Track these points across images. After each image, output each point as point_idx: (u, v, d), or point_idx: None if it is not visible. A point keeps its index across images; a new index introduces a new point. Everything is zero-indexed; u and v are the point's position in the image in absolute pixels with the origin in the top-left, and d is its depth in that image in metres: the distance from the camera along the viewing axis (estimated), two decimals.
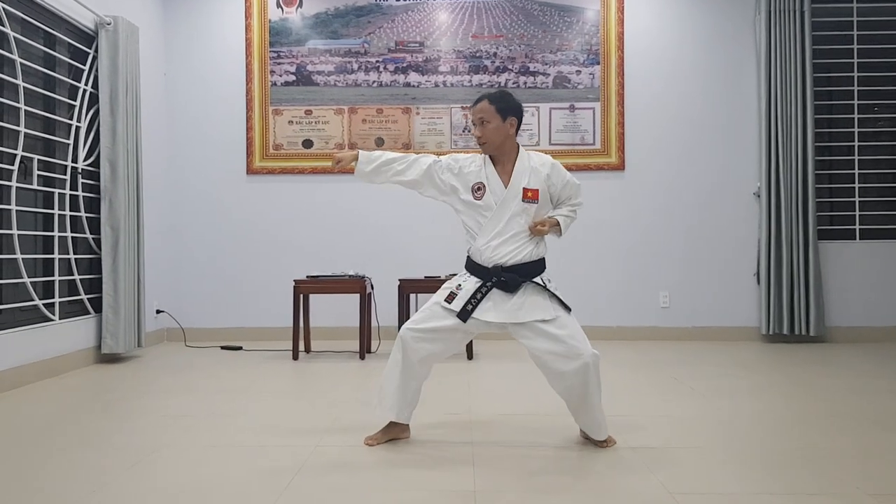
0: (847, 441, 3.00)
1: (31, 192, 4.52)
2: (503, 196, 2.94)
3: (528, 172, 2.95)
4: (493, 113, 2.95)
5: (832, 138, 6.20)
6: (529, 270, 2.92)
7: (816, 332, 5.84)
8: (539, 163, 2.99)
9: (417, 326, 2.91)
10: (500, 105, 2.97)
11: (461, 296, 2.90)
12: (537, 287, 2.90)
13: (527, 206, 2.93)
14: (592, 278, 6.14)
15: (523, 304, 2.87)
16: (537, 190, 2.94)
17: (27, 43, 4.47)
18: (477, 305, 2.87)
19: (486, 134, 2.97)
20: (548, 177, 2.97)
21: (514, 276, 2.89)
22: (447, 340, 2.93)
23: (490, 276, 2.90)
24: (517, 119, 3.01)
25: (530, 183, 2.94)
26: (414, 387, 2.96)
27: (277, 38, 6.22)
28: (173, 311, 6.08)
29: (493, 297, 2.89)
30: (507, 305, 2.87)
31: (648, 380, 4.40)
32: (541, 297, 2.89)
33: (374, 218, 6.14)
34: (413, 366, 2.91)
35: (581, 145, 6.14)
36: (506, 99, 3.01)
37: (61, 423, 3.35)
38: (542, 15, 6.18)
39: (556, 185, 3.00)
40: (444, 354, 2.99)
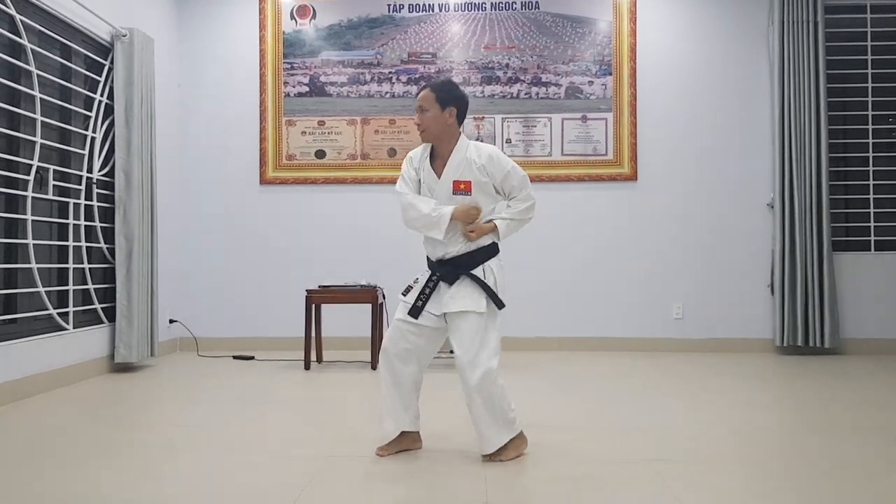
0: (864, 455, 2.96)
1: (46, 202, 4.55)
2: (435, 189, 2.94)
3: (461, 164, 2.93)
4: (433, 101, 2.94)
5: (846, 149, 6.17)
6: (465, 261, 2.92)
7: (831, 344, 5.78)
8: (476, 154, 2.95)
9: (391, 328, 2.99)
10: (440, 94, 2.96)
11: (414, 289, 2.97)
12: (473, 280, 2.88)
13: (458, 198, 2.91)
14: (605, 289, 6.11)
15: (456, 294, 2.88)
16: (469, 182, 2.91)
17: (44, 55, 4.52)
18: (427, 300, 2.91)
19: (424, 121, 2.96)
20: (483, 167, 2.92)
21: (449, 268, 2.91)
22: (417, 334, 2.93)
23: (435, 269, 2.95)
24: (457, 109, 2.97)
25: (462, 175, 2.92)
26: (405, 391, 2.95)
27: (291, 50, 6.26)
28: (186, 321, 6.10)
29: (440, 290, 2.93)
30: (443, 297, 2.91)
31: (662, 391, 4.37)
32: (471, 289, 2.87)
33: (386, 227, 6.14)
34: (396, 369, 2.93)
35: (594, 156, 6.13)
36: (447, 88, 3.00)
37: (74, 432, 3.37)
38: (554, 26, 6.19)
39: (494, 175, 2.94)
40: (424, 353, 2.98)
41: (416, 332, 2.93)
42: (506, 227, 2.97)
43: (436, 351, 3.05)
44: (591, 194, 6.14)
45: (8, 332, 4.15)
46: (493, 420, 2.83)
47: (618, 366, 5.33)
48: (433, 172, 2.97)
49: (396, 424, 2.95)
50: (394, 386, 2.94)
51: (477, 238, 2.92)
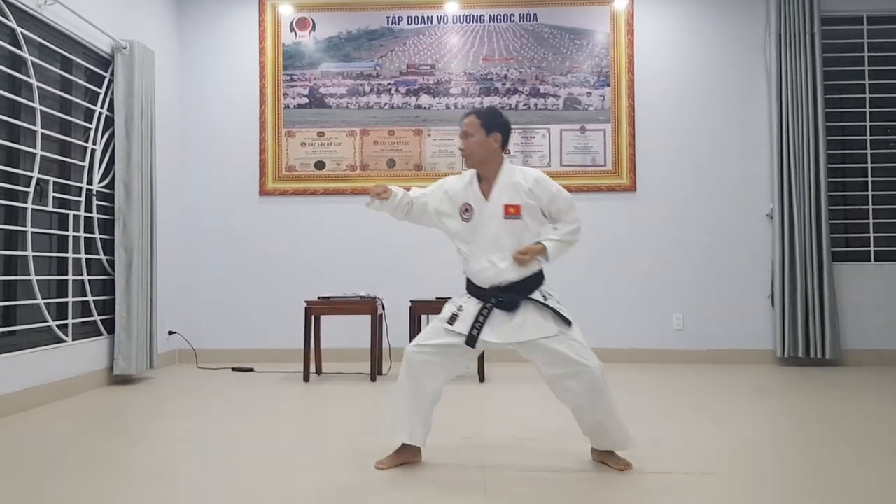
0: (865, 468, 2.95)
1: (46, 213, 4.56)
2: (484, 213, 2.95)
3: (509, 188, 2.95)
4: (478, 126, 2.99)
5: (845, 159, 6.18)
6: (525, 287, 2.91)
7: (832, 355, 5.77)
8: (522, 178, 2.97)
9: (422, 343, 2.92)
10: (485, 120, 3.00)
11: (463, 318, 2.90)
12: (537, 304, 2.88)
13: (510, 222, 2.92)
14: (605, 300, 6.11)
15: (524, 322, 2.86)
16: (519, 206, 2.93)
17: (45, 67, 4.53)
18: (482, 329, 2.87)
19: (469, 147, 3.00)
20: (530, 191, 2.95)
21: (511, 295, 2.89)
22: (452, 356, 2.92)
23: (489, 296, 2.91)
24: (502, 135, 3.02)
25: (511, 199, 2.94)
26: (425, 407, 2.93)
27: (291, 62, 6.28)
28: (185, 332, 6.10)
29: (495, 317, 2.89)
30: (508, 325, 2.87)
31: (662, 403, 4.36)
32: (541, 314, 2.88)
33: (386, 239, 6.15)
34: (421, 383, 2.90)
35: (592, 166, 6.15)
36: (492, 115, 3.05)
37: (73, 445, 3.36)
38: (552, 38, 6.21)
39: (541, 199, 2.96)
40: (451, 371, 2.97)
41: (449, 353, 2.91)
42: (554, 249, 2.95)
43: (461, 369, 3.04)
44: (590, 205, 6.13)
45: (7, 345, 4.14)
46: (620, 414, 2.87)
47: (618, 377, 5.30)
48: (481, 197, 2.99)
49: (411, 437, 2.92)
50: (414, 398, 2.91)
51: (529, 261, 2.91)
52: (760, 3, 6.10)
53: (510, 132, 3.09)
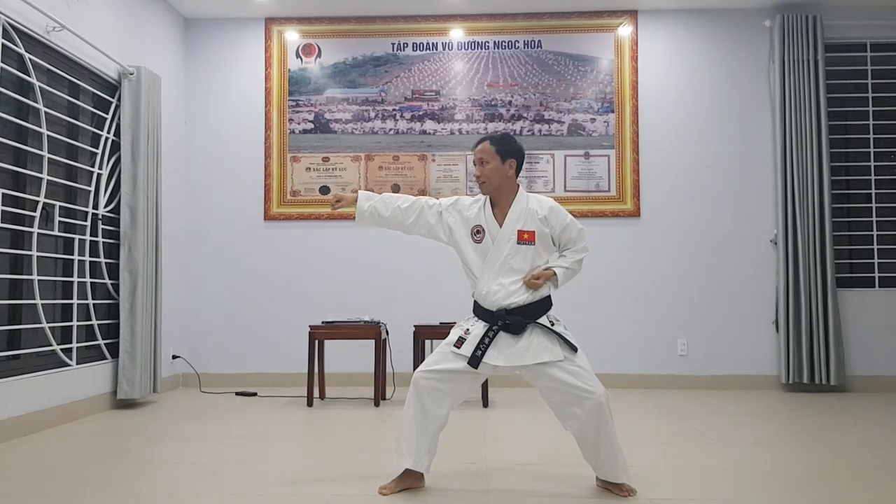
0: (870, 496, 2.92)
1: (51, 238, 4.57)
2: (497, 238, 2.97)
3: (524, 214, 2.98)
4: (493, 154, 3.02)
5: (849, 186, 6.18)
6: (533, 311, 2.93)
7: (837, 382, 5.73)
8: (537, 205, 3.02)
9: (430, 369, 2.92)
10: (500, 147, 3.03)
11: (470, 340, 2.92)
12: (543, 328, 2.90)
13: (523, 248, 2.95)
14: (609, 325, 6.09)
15: (530, 346, 2.87)
16: (533, 232, 2.97)
17: (52, 92, 4.57)
18: (486, 350, 2.88)
19: (485, 174, 3.02)
20: (545, 219, 2.98)
21: (518, 318, 2.90)
22: (459, 382, 2.92)
23: (495, 319, 2.92)
24: (517, 161, 3.05)
25: (526, 225, 2.97)
26: (431, 432, 2.92)
27: (296, 87, 6.33)
28: (189, 357, 6.09)
29: (501, 340, 2.90)
30: (514, 349, 2.88)
31: (667, 429, 4.33)
32: (547, 338, 2.89)
33: (390, 264, 6.16)
34: (428, 409, 2.89)
35: (596, 192, 6.16)
36: (506, 141, 3.07)
37: (76, 469, 3.34)
38: (556, 64, 6.26)
39: (554, 227, 3.01)
40: (458, 397, 2.98)
41: (457, 379, 2.91)
42: (563, 275, 3.00)
43: (469, 394, 3.05)
44: (593, 230, 6.09)
45: (12, 368, 4.14)
46: (619, 445, 2.87)
47: (622, 402, 5.29)
48: (496, 222, 3.02)
49: (416, 463, 2.91)
50: (420, 425, 2.90)
51: (541, 285, 2.94)
52: (764, 30, 6.14)
53: (524, 158, 3.13)
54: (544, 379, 2.87)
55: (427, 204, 3.14)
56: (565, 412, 2.87)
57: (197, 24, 6.38)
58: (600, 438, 2.83)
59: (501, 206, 3.04)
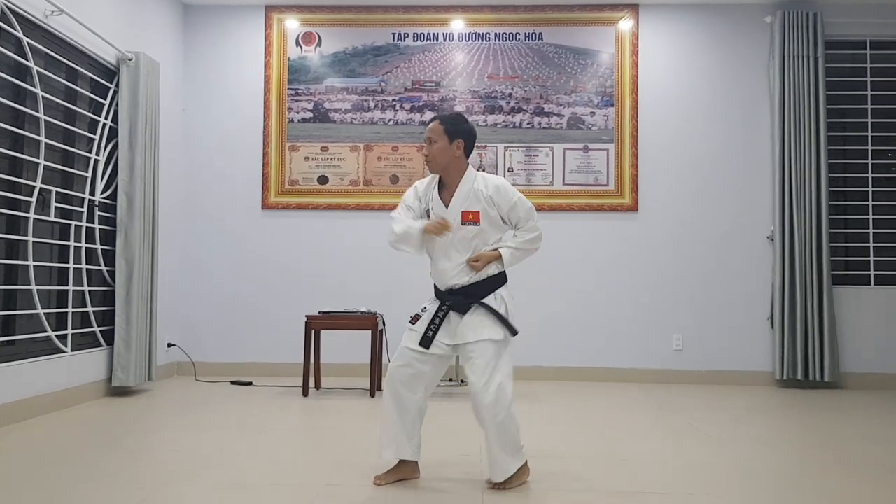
0: (863, 491, 2.94)
1: (48, 223, 4.55)
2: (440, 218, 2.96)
3: (468, 195, 2.97)
4: (441, 133, 2.99)
5: (846, 183, 6.19)
6: (476, 291, 2.94)
7: (831, 378, 5.76)
8: (483, 185, 2.99)
9: (397, 355, 2.97)
10: (448, 126, 3.01)
11: (423, 318, 2.96)
12: (486, 309, 2.90)
13: (467, 228, 2.94)
14: (605, 319, 6.10)
15: (467, 325, 2.89)
16: (478, 212, 2.95)
17: (49, 77, 4.54)
18: (437, 330, 2.91)
19: (432, 153, 3.01)
20: (490, 198, 2.96)
21: (459, 298, 2.92)
22: (428, 365, 2.93)
23: (445, 298, 2.95)
24: (465, 142, 3.02)
25: (470, 206, 2.96)
26: (409, 419, 2.93)
27: (296, 76, 6.30)
28: (184, 345, 6.08)
29: (450, 319, 2.93)
30: (456, 328, 2.91)
31: (661, 424, 4.34)
32: (485, 318, 2.89)
33: (388, 254, 6.10)
34: (401, 396, 2.91)
35: (595, 186, 6.16)
36: (456, 121, 3.05)
37: (70, 457, 3.34)
38: (557, 57, 6.24)
39: (501, 206, 2.98)
40: (430, 380, 2.98)
41: (423, 359, 2.92)
42: (510, 256, 2.99)
43: (439, 379, 3.05)
44: (591, 224, 6.16)
45: (6, 354, 4.13)
46: (505, 447, 2.84)
47: (617, 397, 5.30)
48: (441, 202, 3.00)
49: (398, 453, 2.93)
50: (398, 414, 2.92)
51: (482, 268, 2.93)
52: (765, 26, 6.13)
53: (474, 139, 3.09)
54: (470, 358, 2.86)
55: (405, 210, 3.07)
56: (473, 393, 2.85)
57: (197, 11, 6.34)
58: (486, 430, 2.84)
59: (449, 187, 3.02)
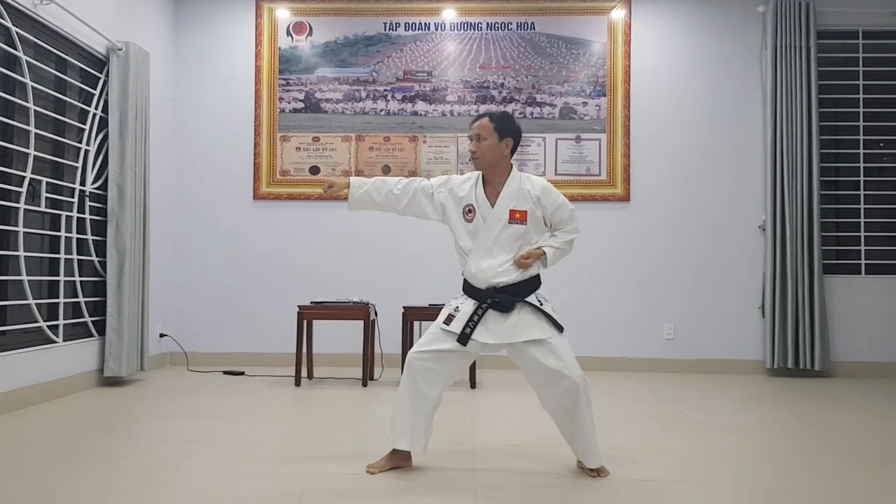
0: (852, 479, 2.96)
1: (38, 214, 4.54)
2: (489, 217, 2.98)
3: (516, 194, 2.98)
4: (491, 131, 3.00)
5: (838, 173, 6.21)
6: (522, 290, 2.95)
7: (821, 367, 5.79)
8: (530, 185, 3.01)
9: (422, 349, 2.94)
10: (498, 124, 3.02)
11: (459, 318, 2.93)
12: (532, 307, 2.92)
13: (514, 227, 2.96)
14: (597, 308, 6.12)
15: (518, 324, 2.89)
16: (525, 212, 2.97)
17: (39, 67, 4.52)
18: (475, 328, 2.89)
19: (481, 149, 3.01)
20: (537, 199, 2.98)
21: (507, 296, 2.92)
22: (451, 361, 2.94)
23: (485, 297, 2.93)
24: (514, 141, 3.04)
25: (518, 205, 2.97)
26: (426, 412, 2.94)
27: (287, 66, 6.28)
28: (176, 335, 6.07)
29: (490, 318, 2.92)
30: (502, 326, 2.90)
31: (652, 412, 4.36)
32: (535, 317, 2.91)
33: (380, 245, 6.15)
34: (421, 390, 2.91)
35: (587, 176, 6.16)
36: (506, 120, 3.06)
37: (62, 447, 3.33)
38: (549, 47, 6.23)
39: (546, 207, 3.01)
40: (450, 376, 2.99)
41: (449, 357, 2.92)
42: (553, 255, 3.02)
43: (459, 374, 3.07)
44: (583, 214, 6.06)
45: None
46: (594, 431, 2.89)
47: (608, 385, 5.32)
48: (487, 200, 3.01)
49: (411, 445, 2.94)
50: (414, 406, 2.92)
51: (531, 265, 2.95)
52: (757, 17, 6.13)
53: (521, 139, 3.12)
54: (527, 359, 2.90)
55: (419, 186, 3.13)
56: (544, 393, 2.92)
57: (187, 1, 6.31)
58: (574, 422, 2.88)
59: (494, 185, 3.03)
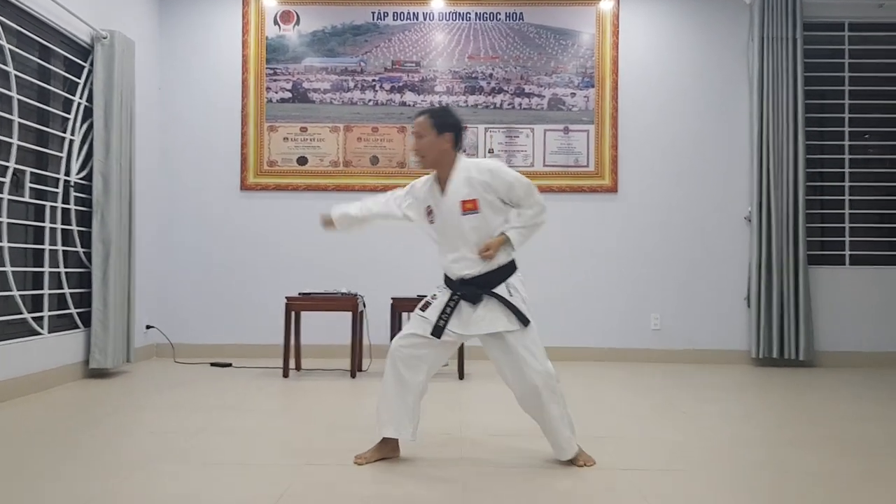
0: (835, 466, 2.99)
1: (22, 204, 4.49)
2: (443, 212, 2.98)
3: (463, 184, 2.96)
4: (429, 127, 3.00)
5: (823, 164, 6.25)
6: (488, 281, 2.94)
7: (806, 357, 5.84)
8: (476, 171, 2.98)
9: (404, 336, 2.97)
10: (436, 120, 3.01)
11: (434, 306, 2.97)
12: (500, 299, 2.91)
13: (469, 217, 2.94)
14: (583, 299, 6.14)
15: (484, 316, 2.90)
16: (475, 200, 2.94)
17: (23, 55, 4.47)
18: (448, 319, 2.92)
19: (422, 147, 3.01)
20: (486, 183, 2.95)
21: (472, 288, 2.93)
22: (432, 348, 2.95)
23: (456, 288, 2.96)
24: (454, 135, 3.02)
25: (467, 194, 2.95)
26: (410, 399, 2.95)
27: (274, 55, 6.23)
28: (163, 327, 6.04)
29: (463, 309, 2.94)
30: (471, 318, 2.92)
31: (638, 402, 4.39)
32: (500, 309, 2.90)
33: (368, 236, 6.07)
34: (404, 377, 2.92)
35: (575, 167, 6.17)
36: (444, 115, 3.06)
37: (47, 438, 3.32)
38: (537, 37, 6.22)
39: (498, 189, 2.96)
40: (434, 363, 3.00)
41: (429, 344, 2.94)
42: (518, 236, 2.98)
43: (442, 364, 3.08)
44: (571, 205, 6.17)
45: None
46: (564, 424, 2.90)
47: (595, 375, 5.35)
48: (439, 195, 3.01)
49: (397, 433, 2.95)
50: (398, 393, 2.93)
51: (493, 256, 2.93)
52: (744, 8, 6.14)
53: (463, 131, 3.10)
54: (495, 350, 2.92)
55: (393, 199, 3.20)
56: (508, 383, 2.94)
57: None
58: (541, 416, 2.90)
59: (443, 180, 3.03)
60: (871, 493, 2.67)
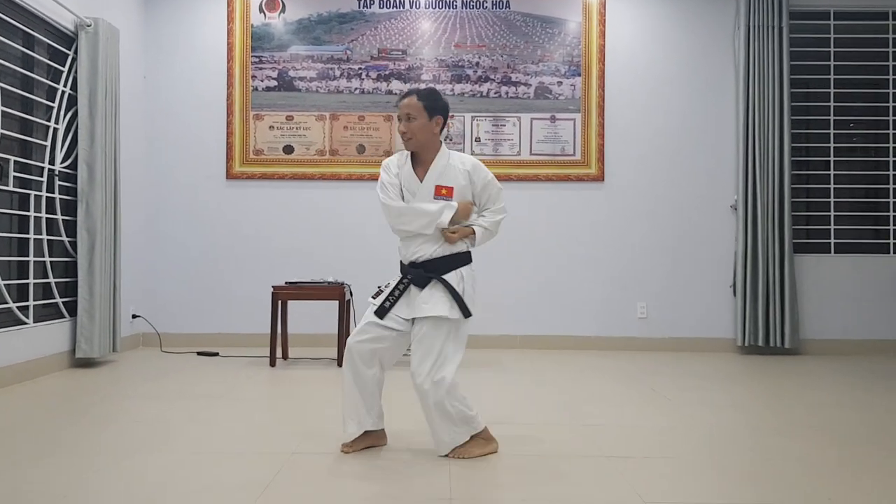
0: (820, 453, 3.03)
1: (6, 193, 4.46)
2: (417, 193, 2.96)
3: (444, 170, 2.96)
4: (421, 110, 2.96)
5: (809, 153, 6.29)
6: (439, 266, 2.93)
7: (791, 345, 5.89)
8: (460, 161, 3.00)
9: (357, 330, 2.96)
10: (427, 102, 2.97)
11: (384, 292, 2.96)
12: (444, 285, 2.89)
13: (439, 202, 2.93)
14: (570, 288, 6.16)
15: (427, 300, 2.88)
16: (451, 188, 2.95)
17: (5, 43, 4.42)
18: (395, 302, 2.92)
19: (412, 130, 2.97)
20: (468, 174, 2.96)
21: (419, 271, 2.92)
22: (387, 342, 2.92)
23: (406, 272, 2.96)
24: (443, 118, 3.01)
25: (445, 181, 2.95)
26: (368, 392, 2.94)
27: (259, 43, 6.20)
28: (149, 316, 6.02)
29: (411, 293, 2.93)
30: (414, 301, 2.91)
31: (624, 390, 4.41)
32: (440, 295, 2.88)
33: (355, 225, 6.13)
34: (359, 370, 2.91)
35: (561, 156, 6.18)
36: (434, 97, 3.02)
37: (33, 428, 3.31)
38: (524, 26, 6.21)
39: (476, 183, 2.98)
40: (388, 357, 2.97)
41: (382, 334, 2.91)
42: (482, 234, 2.99)
43: (400, 354, 3.04)
44: (558, 194, 6.18)
45: None
46: (446, 422, 2.85)
47: (581, 364, 5.38)
48: (416, 178, 2.98)
49: (359, 426, 2.94)
50: (356, 387, 2.93)
51: (457, 240, 2.93)
52: None
53: (448, 114, 3.08)
54: (420, 334, 2.86)
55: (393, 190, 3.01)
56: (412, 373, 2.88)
57: None
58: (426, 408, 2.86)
59: (423, 163, 3.00)
60: (854, 478, 2.71)
